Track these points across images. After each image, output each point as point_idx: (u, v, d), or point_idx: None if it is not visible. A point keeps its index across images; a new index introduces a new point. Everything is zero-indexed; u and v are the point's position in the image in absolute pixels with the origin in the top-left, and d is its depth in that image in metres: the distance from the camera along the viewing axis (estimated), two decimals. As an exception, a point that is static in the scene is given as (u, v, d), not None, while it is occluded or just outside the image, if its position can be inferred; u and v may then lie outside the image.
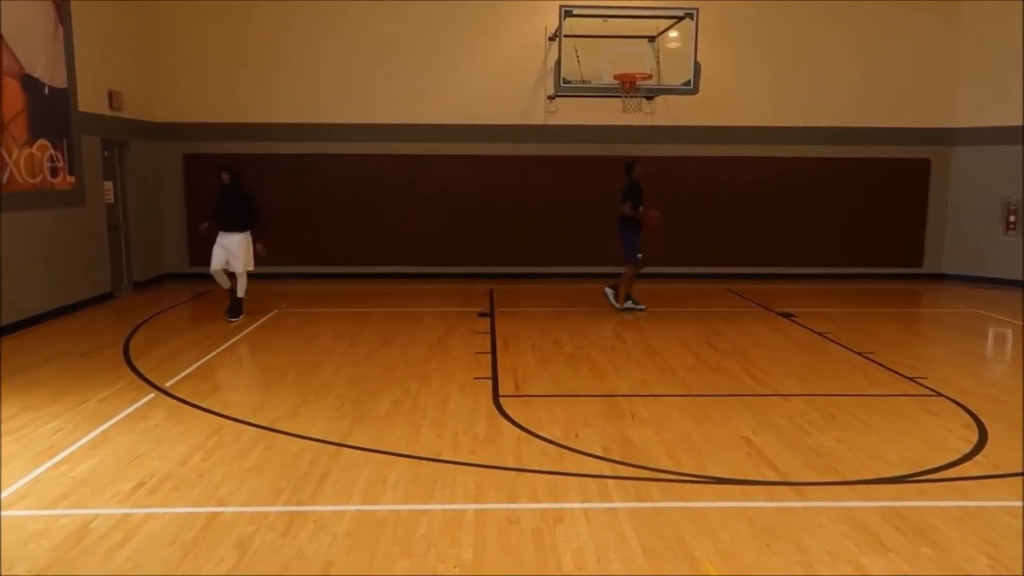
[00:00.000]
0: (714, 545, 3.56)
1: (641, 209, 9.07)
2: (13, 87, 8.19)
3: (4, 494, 4.09)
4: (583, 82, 10.60)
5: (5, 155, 8.03)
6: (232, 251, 8.69)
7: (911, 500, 4.09)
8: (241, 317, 8.79)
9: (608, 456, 4.68)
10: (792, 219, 12.40)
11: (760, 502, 4.04)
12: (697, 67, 10.35)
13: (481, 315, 9.24)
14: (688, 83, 10.43)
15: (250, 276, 8.98)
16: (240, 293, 8.87)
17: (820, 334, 8.23)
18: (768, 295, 10.51)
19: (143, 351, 7.31)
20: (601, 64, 10.53)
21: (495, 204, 12.13)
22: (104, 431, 5.09)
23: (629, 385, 6.30)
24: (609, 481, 4.31)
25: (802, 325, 8.73)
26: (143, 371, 6.56)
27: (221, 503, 4.00)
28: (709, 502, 4.05)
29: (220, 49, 11.69)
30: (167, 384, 6.17)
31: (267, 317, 9.01)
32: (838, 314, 9.41)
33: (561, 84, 10.47)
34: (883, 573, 3.34)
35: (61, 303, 9.01)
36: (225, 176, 8.79)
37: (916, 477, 4.40)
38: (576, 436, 5.03)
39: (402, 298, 10.57)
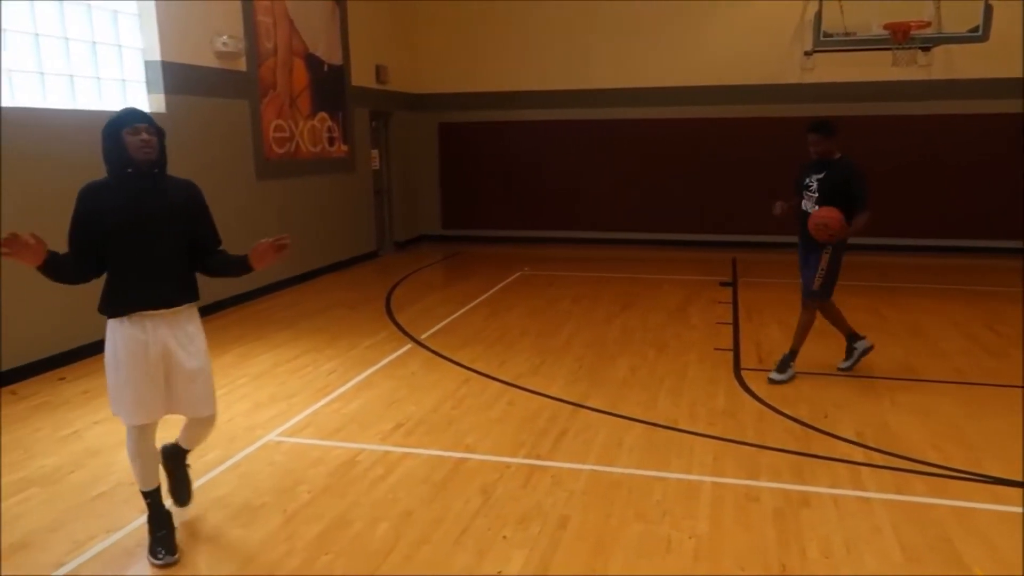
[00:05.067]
0: (988, 552, 3.15)
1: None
2: (299, 66, 9.22)
3: (293, 422, 4.70)
4: (846, 34, 9.69)
5: (293, 127, 9.10)
6: (191, 360, 3.20)
7: None
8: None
9: (862, 442, 4.32)
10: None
11: (1050, 510, 3.51)
12: (988, 10, 9.01)
13: (723, 284, 8.91)
14: (976, 29, 9.12)
15: (497, 240, 9.00)
16: (188, 443, 3.56)
17: None
18: (1068, 274, 9.01)
19: (402, 305, 7.98)
20: (868, 13, 9.54)
21: (741, 169, 11.56)
22: (369, 375, 5.64)
23: (889, 367, 5.74)
24: (863, 468, 3.98)
25: (1114, 311, 7.39)
26: (402, 323, 7.16)
27: (468, 449, 4.28)
28: (984, 504, 3.59)
29: (472, 23, 12.21)
30: (422, 336, 6.68)
31: (511, 279, 9.40)
32: None
33: (821, 38, 9.65)
34: None
35: (335, 259, 10.09)
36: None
37: None
38: (826, 417, 4.70)
39: (641, 264, 10.51)
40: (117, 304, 3.06)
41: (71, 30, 6.22)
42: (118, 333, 3.07)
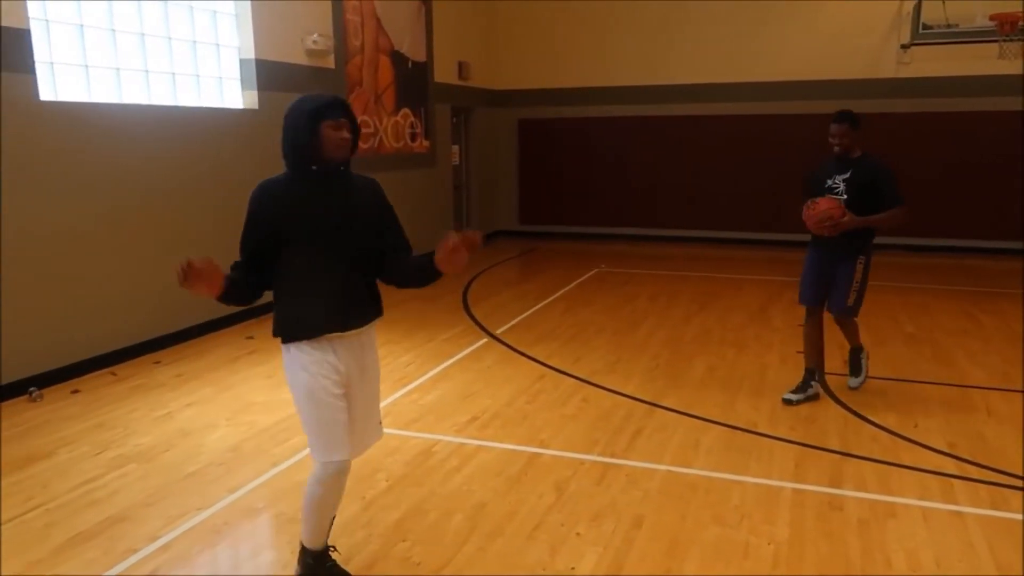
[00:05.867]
0: (1094, 575, 2.97)
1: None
2: (385, 63, 9.41)
3: (369, 412, 4.81)
4: (948, 26, 9.25)
5: (377, 123, 9.29)
6: (371, 387, 2.90)
7: None
8: None
9: (955, 453, 4.12)
10: None
11: None
12: (1107, -2, 8.45)
13: (806, 286, 8.63)
14: (1092, 19, 8.56)
15: (574, 237, 8.83)
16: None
17: None
18: None
19: (478, 299, 8.06)
20: (973, 4, 9.09)
21: (829, 167, 11.18)
22: (445, 368, 5.72)
23: (985, 375, 5.47)
24: (955, 481, 3.80)
25: None
26: (478, 317, 7.23)
27: (542, 445, 4.29)
28: (1090, 524, 3.38)
29: (553, 20, 12.19)
30: (498, 331, 6.73)
31: (587, 275, 9.36)
32: None
33: (920, 30, 9.24)
34: None
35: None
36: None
37: None
38: (915, 426, 4.51)
39: (721, 263, 10.31)
40: (299, 325, 2.60)
41: (174, 30, 6.52)
42: (302, 359, 2.61)
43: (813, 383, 4.99)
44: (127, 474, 3.96)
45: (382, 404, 4.86)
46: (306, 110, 2.52)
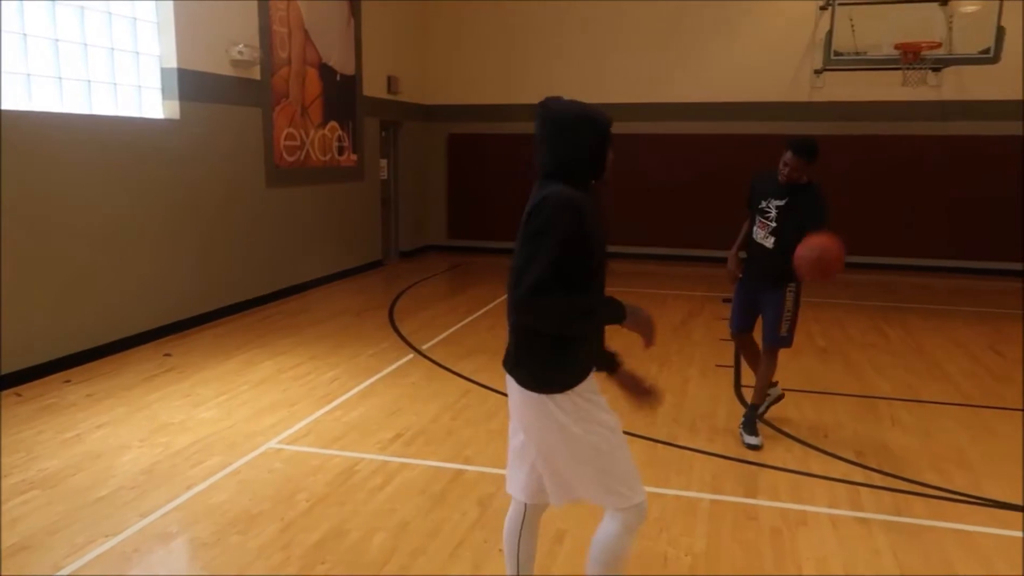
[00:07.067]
0: (987, 576, 3.15)
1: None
2: (312, 75, 9.29)
3: (293, 429, 4.72)
4: (857, 54, 9.72)
5: (304, 135, 9.16)
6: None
7: None
8: None
9: (862, 462, 4.31)
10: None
11: (1050, 536, 3.49)
12: (1000, 32, 9.03)
13: (726, 301, 8.85)
14: (987, 51, 9.13)
15: (503, 251, 8.68)
16: None
17: None
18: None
19: (406, 315, 8.00)
20: (880, 33, 9.59)
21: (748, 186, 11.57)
22: (371, 384, 5.66)
23: (891, 387, 5.73)
24: (862, 489, 3.97)
25: (1121, 336, 7.35)
26: (404, 333, 7.18)
27: (466, 461, 4.28)
28: (985, 527, 3.58)
29: (483, 36, 12.31)
30: (424, 347, 6.70)
31: (516, 290, 9.40)
32: None
33: (831, 56, 9.69)
34: None
35: (342, 267, 10.13)
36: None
37: None
38: (826, 437, 4.69)
39: (646, 278, 10.52)
40: (591, 361, 2.41)
41: (90, 36, 6.29)
42: (592, 398, 2.37)
43: (768, 393, 4.77)
44: (30, 500, 3.77)
45: (305, 422, 4.85)
46: (607, 125, 2.40)
